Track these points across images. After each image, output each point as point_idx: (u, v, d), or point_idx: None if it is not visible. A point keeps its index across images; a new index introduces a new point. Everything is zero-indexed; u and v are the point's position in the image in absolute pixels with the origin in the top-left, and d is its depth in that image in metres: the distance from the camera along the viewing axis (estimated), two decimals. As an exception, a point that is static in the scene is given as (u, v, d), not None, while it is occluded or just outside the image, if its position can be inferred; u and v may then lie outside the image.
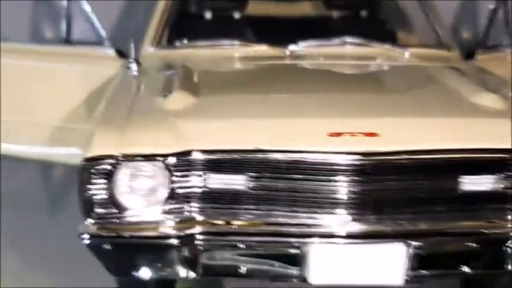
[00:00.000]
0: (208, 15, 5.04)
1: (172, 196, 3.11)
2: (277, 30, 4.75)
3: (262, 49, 4.34)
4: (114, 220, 3.11)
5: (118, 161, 3.06)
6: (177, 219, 3.12)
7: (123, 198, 3.10)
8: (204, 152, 3.08)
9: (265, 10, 5.27)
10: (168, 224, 3.11)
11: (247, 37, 4.60)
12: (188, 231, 3.10)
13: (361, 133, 3.10)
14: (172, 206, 3.12)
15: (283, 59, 4.26)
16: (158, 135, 3.14)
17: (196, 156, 3.08)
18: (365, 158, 3.06)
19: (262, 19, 5.07)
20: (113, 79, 4.08)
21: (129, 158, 3.07)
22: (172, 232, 3.11)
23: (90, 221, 3.10)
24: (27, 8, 5.54)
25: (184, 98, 3.44)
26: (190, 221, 3.12)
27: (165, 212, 3.12)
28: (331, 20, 5.20)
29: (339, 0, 5.19)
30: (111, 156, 3.06)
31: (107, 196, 3.08)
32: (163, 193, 3.11)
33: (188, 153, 3.08)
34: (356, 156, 3.06)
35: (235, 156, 3.08)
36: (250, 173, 3.09)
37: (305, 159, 3.08)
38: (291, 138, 3.12)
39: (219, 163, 3.09)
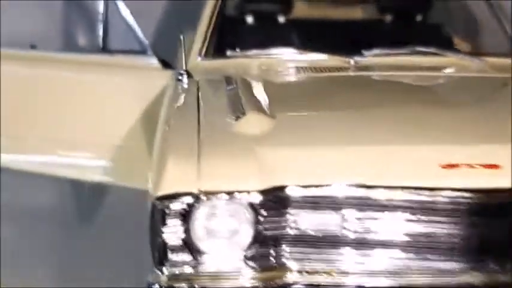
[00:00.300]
0: (249, 19, 4.56)
1: (258, 240, 2.65)
2: (333, 37, 4.25)
3: (322, 59, 3.86)
4: (189, 268, 2.65)
5: (197, 198, 2.59)
6: (263, 267, 2.66)
7: (200, 242, 2.64)
8: (301, 187, 2.61)
9: (313, 14, 4.78)
10: (253, 274, 2.65)
11: (302, 45, 4.08)
12: (277, 282, 2.64)
13: (480, 165, 2.65)
14: (257, 252, 2.66)
15: (346, 70, 3.78)
16: (242, 167, 2.66)
17: (291, 192, 2.62)
18: (488, 196, 2.61)
19: (313, 24, 4.57)
20: (163, 93, 3.60)
21: (209, 195, 2.60)
22: (258, 283, 2.64)
23: (163, 270, 2.64)
24: (58, 9, 5.02)
25: (260, 120, 2.97)
26: (280, 270, 2.66)
27: (249, 259, 2.66)
28: (388, 24, 4.70)
29: (396, 2, 4.71)
30: (189, 194, 2.59)
31: (181, 240, 2.62)
32: (248, 236, 2.64)
33: (281, 189, 2.61)
34: (477, 193, 2.61)
35: (338, 192, 2.62)
36: (352, 212, 2.64)
37: (415, 197, 2.63)
38: (399, 172, 2.66)
39: (317, 200, 2.63)
